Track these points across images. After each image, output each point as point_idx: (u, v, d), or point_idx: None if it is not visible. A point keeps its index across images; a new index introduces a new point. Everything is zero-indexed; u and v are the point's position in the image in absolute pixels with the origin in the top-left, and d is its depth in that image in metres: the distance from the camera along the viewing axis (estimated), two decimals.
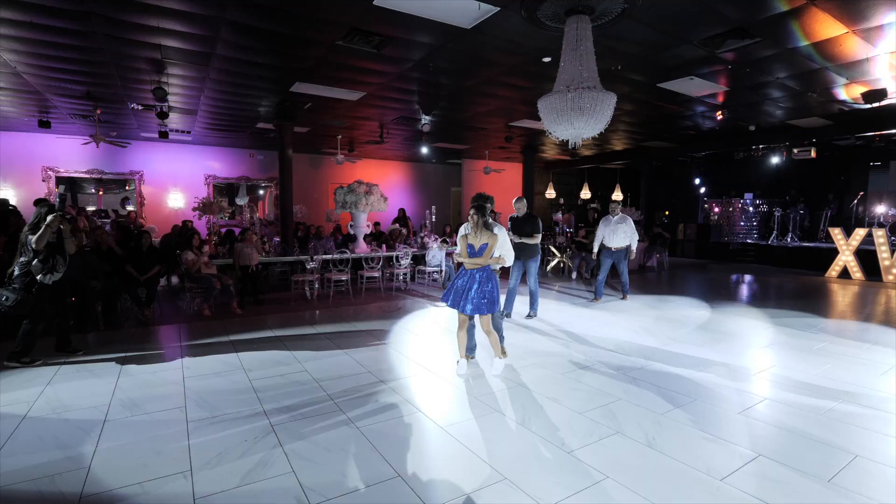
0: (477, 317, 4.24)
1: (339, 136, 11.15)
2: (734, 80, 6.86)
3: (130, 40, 5.28)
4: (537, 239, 6.15)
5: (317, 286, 7.55)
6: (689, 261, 13.48)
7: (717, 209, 14.75)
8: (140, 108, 8.46)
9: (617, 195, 15.60)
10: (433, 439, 2.94)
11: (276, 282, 9.01)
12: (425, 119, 9.29)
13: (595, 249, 7.61)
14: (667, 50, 5.63)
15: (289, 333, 5.48)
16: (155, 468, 2.58)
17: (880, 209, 12.19)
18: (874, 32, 5.06)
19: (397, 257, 8.24)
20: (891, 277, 9.31)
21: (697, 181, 15.61)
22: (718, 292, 8.31)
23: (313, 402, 3.48)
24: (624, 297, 7.50)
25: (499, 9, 4.49)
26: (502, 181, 15.17)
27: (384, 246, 8.86)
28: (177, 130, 10.56)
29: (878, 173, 13.34)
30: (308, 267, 7.54)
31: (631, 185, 16.43)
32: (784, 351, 4.77)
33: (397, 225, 10.59)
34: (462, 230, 4.35)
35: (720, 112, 8.53)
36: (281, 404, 3.44)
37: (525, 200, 6.39)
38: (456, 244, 10.02)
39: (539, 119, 4.71)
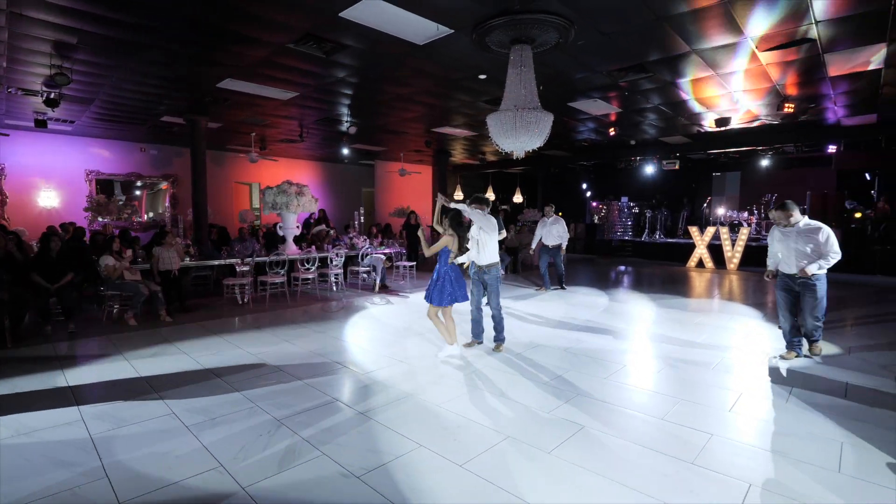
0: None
1: (254, 134, 10.72)
2: (625, 103, 8.20)
3: (36, 19, 4.74)
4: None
5: (248, 289, 7.33)
6: (580, 256, 15.27)
7: (601, 211, 16.88)
8: (19, 92, 7.40)
9: (518, 197, 17.04)
10: (438, 417, 3.34)
11: (190, 287, 8.45)
12: (351, 121, 9.42)
13: (533, 246, 8.60)
14: (581, 76, 6.62)
15: (245, 338, 5.39)
16: (182, 469, 2.62)
17: (721, 211, 15.09)
18: (730, 75, 6.53)
19: (330, 258, 8.30)
20: (732, 265, 11.68)
21: (585, 186, 17.69)
22: (611, 282, 9.75)
23: (313, 398, 3.65)
24: (562, 287, 8.50)
25: (453, 31, 4.99)
26: (415, 183, 15.68)
27: (313, 247, 8.83)
28: (57, 120, 9.30)
29: (719, 182, 16.46)
30: (239, 270, 7.29)
31: (529, 188, 18.02)
32: (673, 324, 5.98)
33: (323, 226, 10.51)
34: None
35: (613, 129, 9.99)
36: (277, 401, 3.56)
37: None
38: (383, 244, 10.28)
39: (459, 127, 5.32)
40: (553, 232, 8.36)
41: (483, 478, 2.54)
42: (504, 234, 6.71)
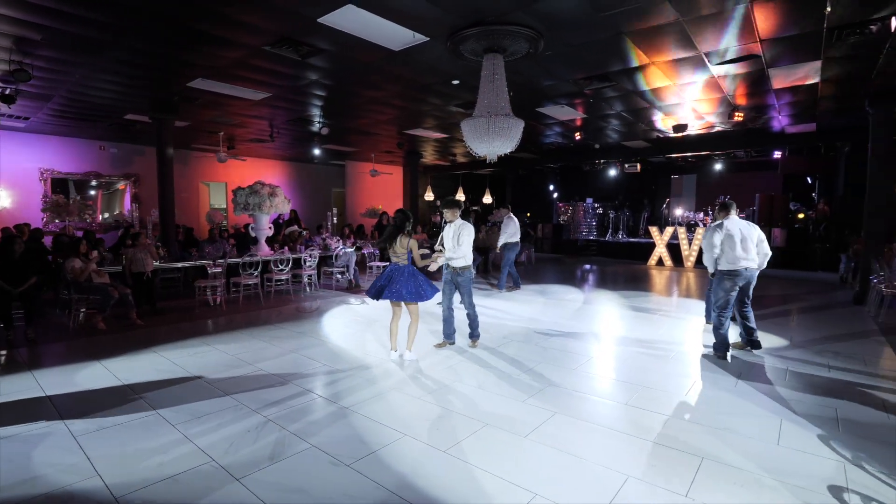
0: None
1: (222, 133, 10.56)
2: (589, 110, 8.59)
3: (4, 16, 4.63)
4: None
5: (220, 291, 7.27)
6: (548, 255, 15.73)
7: (567, 211, 17.42)
8: None
9: (487, 198, 17.37)
10: (420, 409, 3.52)
11: (159, 290, 8.29)
12: (323, 122, 9.45)
13: (499, 246, 8.69)
14: (549, 83, 6.93)
15: (222, 340, 5.39)
16: (174, 465, 2.70)
17: (679, 211, 15.88)
18: (686, 86, 6.99)
19: (304, 259, 8.32)
20: (689, 263, 12.36)
21: (552, 187, 18.21)
22: (577, 280, 10.16)
23: (296, 395, 3.75)
24: (509, 289, 8.65)
25: (429, 39, 5.17)
26: (386, 183, 15.76)
27: (286, 248, 8.81)
28: (10, 116, 8.90)
29: (677, 184, 17.30)
30: (211, 272, 7.22)
31: (498, 189, 18.39)
32: (635, 320, 6.36)
33: (296, 227, 10.47)
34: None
35: (579, 133, 10.40)
36: (260, 399, 3.64)
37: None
38: (355, 246, 10.35)
39: (430, 130, 5.53)
40: (510, 230, 8.53)
41: (466, 461, 2.73)
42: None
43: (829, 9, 4.38)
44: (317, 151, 11.87)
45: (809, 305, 7.44)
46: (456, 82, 6.75)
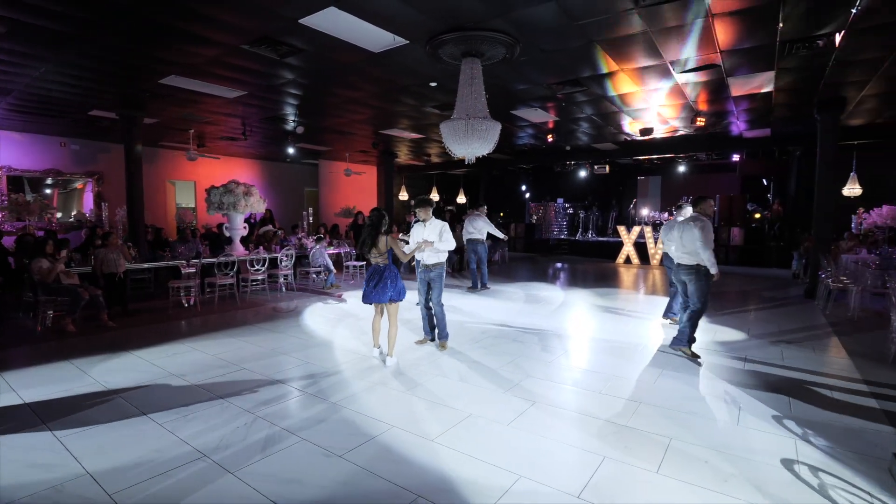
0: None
1: (192, 131, 10.35)
2: (561, 113, 8.88)
3: None
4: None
5: (194, 292, 7.17)
6: (521, 254, 16.05)
7: (539, 211, 17.81)
8: None
9: (461, 198, 17.55)
10: (406, 402, 3.63)
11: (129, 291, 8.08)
12: (298, 121, 9.40)
13: (464, 240, 8.78)
14: (524, 87, 7.14)
15: (200, 340, 5.35)
16: (166, 462, 2.73)
17: (645, 211, 16.49)
18: (652, 92, 7.33)
19: (280, 259, 8.27)
20: (655, 261, 12.88)
21: (524, 188, 18.56)
22: (552, 278, 10.47)
23: (282, 392, 3.80)
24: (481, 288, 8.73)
25: (409, 42, 5.28)
26: (360, 183, 15.73)
27: (261, 248, 8.74)
28: None
29: (643, 185, 17.95)
30: (185, 272, 7.11)
31: (472, 189, 18.61)
32: (605, 315, 6.65)
33: (270, 227, 10.36)
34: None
35: (551, 135, 10.70)
36: (247, 396, 3.68)
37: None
38: (331, 244, 10.33)
39: (406, 130, 5.66)
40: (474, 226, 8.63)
41: (454, 449, 2.87)
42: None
43: (781, 24, 4.73)
44: (291, 150, 11.75)
45: (765, 300, 7.94)
46: (434, 84, 6.88)
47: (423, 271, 5.01)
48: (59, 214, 11.48)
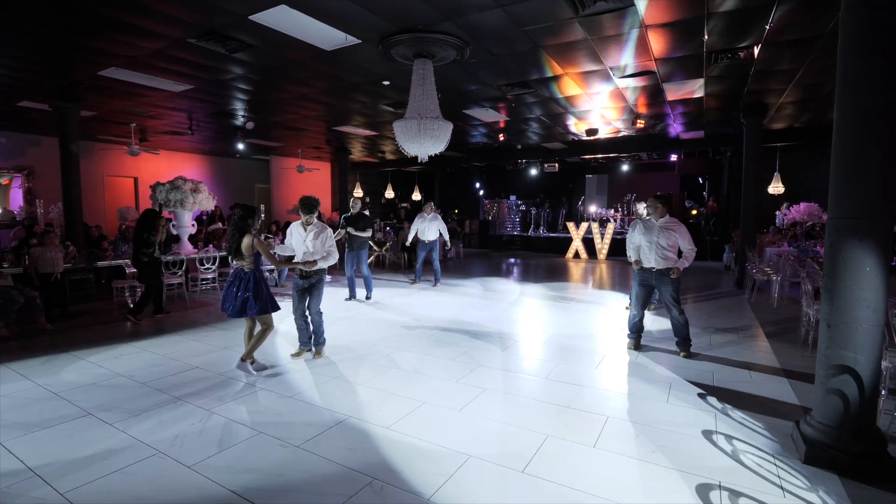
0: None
1: (134, 125, 9.88)
2: (511, 113, 9.18)
3: None
4: (369, 233, 7.36)
5: (140, 291, 6.90)
6: (475, 250, 16.37)
7: (493, 208, 18.21)
8: None
9: (416, 195, 17.65)
10: (362, 393, 3.74)
11: (73, 292, 7.64)
12: (248, 117, 9.20)
13: (409, 241, 8.80)
14: (475, 88, 7.35)
15: (148, 340, 5.20)
16: (119, 460, 2.71)
17: (593, 208, 17.23)
18: (595, 95, 7.74)
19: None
20: (602, 256, 13.53)
21: (478, 185, 18.90)
22: (505, 272, 10.80)
23: (235, 388, 3.81)
24: (435, 285, 8.65)
25: (361, 42, 5.35)
26: (313, 179, 15.50)
27: (211, 246, 8.51)
28: None
29: (591, 183, 18.73)
30: (129, 272, 6.83)
31: (427, 186, 18.75)
32: (554, 307, 7.00)
33: (219, 224, 10.06)
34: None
35: (502, 134, 11.00)
36: (199, 393, 3.67)
37: (360, 200, 7.51)
38: (283, 242, 10.19)
39: (359, 127, 5.77)
40: (432, 227, 8.47)
41: (407, 434, 3.02)
42: (370, 232, 7.37)
43: (706, 36, 5.18)
44: (240, 146, 11.45)
45: (699, 291, 8.58)
46: (387, 83, 6.96)
47: (302, 280, 4.43)
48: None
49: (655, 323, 5.97)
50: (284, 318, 5.58)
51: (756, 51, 5.60)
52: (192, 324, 5.99)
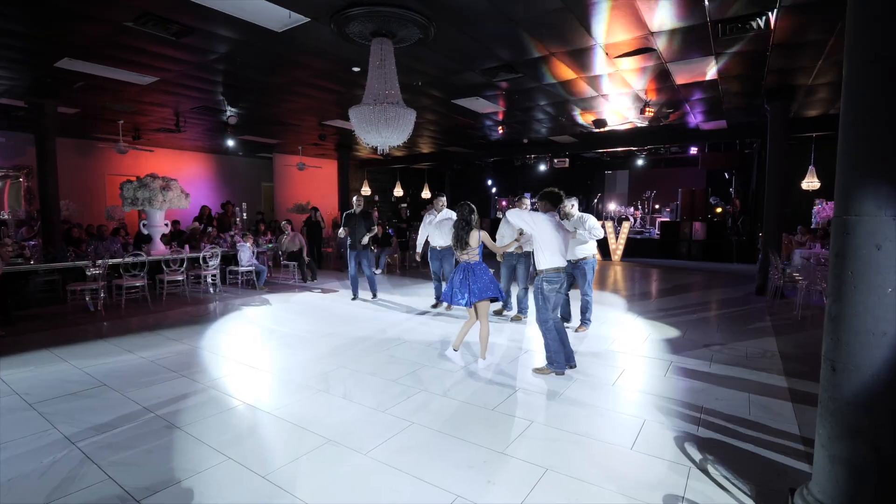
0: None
1: (122, 122, 9.69)
2: (509, 102, 8.44)
3: None
4: (373, 232, 7.10)
5: (102, 295, 6.59)
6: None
7: (505, 206, 17.44)
8: None
9: (426, 193, 17.09)
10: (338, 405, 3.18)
11: (39, 294, 7.45)
12: (231, 111, 8.83)
13: (419, 252, 6.86)
14: (456, 74, 6.69)
15: (79, 351, 4.81)
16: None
17: (612, 206, 16.22)
18: (594, 79, 6.94)
19: (204, 258, 7.70)
20: (616, 257, 12.59)
21: (490, 182, 18.15)
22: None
23: (123, 409, 3.32)
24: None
25: (309, 20, 4.79)
26: (318, 178, 15.15)
27: (187, 246, 8.17)
28: None
29: (610, 179, 17.68)
30: (90, 273, 6.53)
31: (437, 184, 18.15)
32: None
33: (197, 224, 9.76)
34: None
35: (501, 127, 10.28)
36: (76, 416, 3.19)
37: (363, 198, 7.35)
38: (270, 242, 9.80)
39: (347, 121, 5.21)
40: (446, 229, 6.28)
41: (385, 462, 2.43)
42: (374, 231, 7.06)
43: (707, 2, 4.35)
44: (231, 142, 11.15)
45: (714, 297, 7.64)
46: (357, 69, 6.38)
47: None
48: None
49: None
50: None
51: (772, 18, 4.72)
52: (141, 329, 5.58)
